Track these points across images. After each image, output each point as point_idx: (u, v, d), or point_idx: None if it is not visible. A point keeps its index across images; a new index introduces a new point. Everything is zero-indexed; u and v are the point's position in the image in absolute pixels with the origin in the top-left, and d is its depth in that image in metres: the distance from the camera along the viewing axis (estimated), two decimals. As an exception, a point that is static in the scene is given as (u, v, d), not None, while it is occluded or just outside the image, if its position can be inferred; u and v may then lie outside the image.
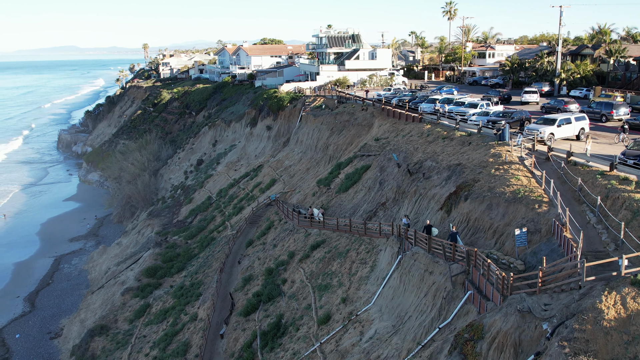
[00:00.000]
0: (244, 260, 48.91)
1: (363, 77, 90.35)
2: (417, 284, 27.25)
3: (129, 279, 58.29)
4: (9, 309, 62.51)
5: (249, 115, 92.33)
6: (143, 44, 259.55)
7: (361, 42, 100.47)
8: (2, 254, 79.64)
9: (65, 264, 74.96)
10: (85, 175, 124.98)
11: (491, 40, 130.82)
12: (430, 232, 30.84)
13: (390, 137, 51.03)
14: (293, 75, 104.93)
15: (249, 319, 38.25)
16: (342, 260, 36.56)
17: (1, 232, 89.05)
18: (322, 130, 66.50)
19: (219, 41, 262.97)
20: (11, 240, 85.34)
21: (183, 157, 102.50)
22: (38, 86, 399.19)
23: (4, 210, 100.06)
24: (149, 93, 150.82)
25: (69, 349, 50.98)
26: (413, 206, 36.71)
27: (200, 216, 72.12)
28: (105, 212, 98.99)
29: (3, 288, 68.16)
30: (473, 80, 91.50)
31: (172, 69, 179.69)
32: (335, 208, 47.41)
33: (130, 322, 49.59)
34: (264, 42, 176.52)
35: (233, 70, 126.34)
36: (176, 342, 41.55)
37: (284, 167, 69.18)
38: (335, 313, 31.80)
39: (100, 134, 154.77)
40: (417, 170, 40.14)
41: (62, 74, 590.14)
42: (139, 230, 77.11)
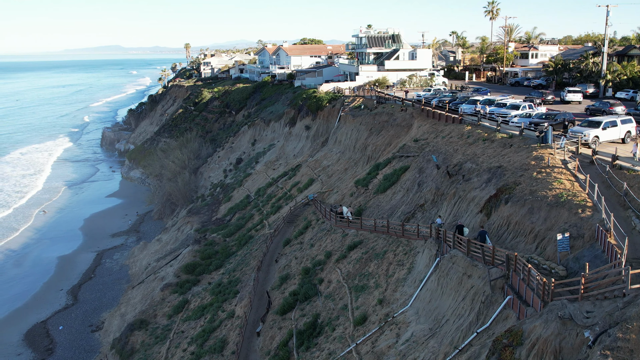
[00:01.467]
0: (281, 259, 49.20)
1: (403, 77, 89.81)
2: (455, 287, 26.96)
3: (168, 275, 59.26)
4: (53, 301, 64.32)
5: (288, 114, 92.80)
6: (185, 44, 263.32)
7: (401, 42, 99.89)
8: (47, 247, 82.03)
9: (107, 259, 76.70)
10: (128, 172, 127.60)
11: (534, 41, 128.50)
12: (462, 231, 30.75)
13: (429, 138, 50.60)
14: (332, 75, 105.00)
15: (285, 318, 38.45)
16: (379, 262, 36.43)
17: (46, 227, 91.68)
18: (361, 130, 66.37)
19: (259, 41, 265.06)
20: (56, 234, 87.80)
21: (222, 155, 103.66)
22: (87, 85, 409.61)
23: (52, 207, 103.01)
24: (190, 92, 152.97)
25: (109, 342, 52.15)
26: (452, 208, 36.33)
27: (239, 214, 72.81)
28: (146, 209, 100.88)
29: (47, 281, 70.17)
30: (515, 81, 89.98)
31: (213, 69, 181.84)
32: (372, 209, 47.27)
33: (169, 318, 50.42)
34: (303, 42, 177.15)
35: (273, 70, 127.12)
36: (213, 338, 42.04)
37: (322, 167, 69.31)
38: (372, 314, 31.71)
39: (142, 132, 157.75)
40: (457, 172, 39.71)
41: (107, 72, 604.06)
42: (178, 227, 78.32)
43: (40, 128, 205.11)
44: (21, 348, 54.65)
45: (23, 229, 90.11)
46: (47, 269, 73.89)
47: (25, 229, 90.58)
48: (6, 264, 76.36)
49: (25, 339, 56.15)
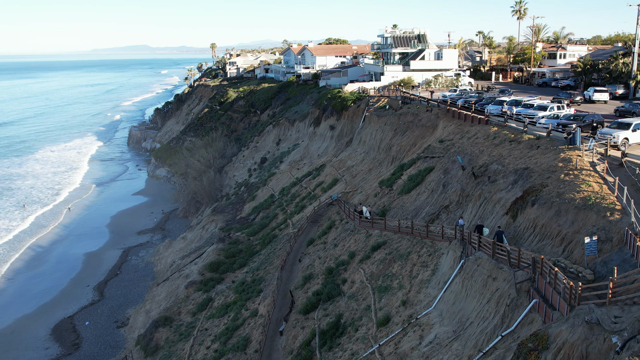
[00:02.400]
0: (305, 259, 49.29)
1: (428, 77, 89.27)
2: (479, 290, 26.73)
3: (192, 273, 59.76)
4: (79, 297, 65.39)
5: (312, 114, 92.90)
6: (211, 44, 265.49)
7: (427, 42, 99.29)
8: (74, 244, 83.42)
9: (133, 256, 77.67)
10: (154, 170, 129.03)
11: (562, 41, 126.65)
12: (482, 231, 30.62)
13: (455, 139, 50.22)
14: (357, 75, 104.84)
15: (308, 317, 38.51)
16: (403, 263, 36.29)
17: (74, 224, 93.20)
18: (386, 130, 66.14)
19: (284, 41, 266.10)
20: (83, 231, 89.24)
21: (247, 155, 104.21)
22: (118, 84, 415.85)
23: (79, 204, 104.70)
24: (216, 92, 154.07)
25: (134, 338, 52.82)
26: (477, 210, 36.01)
27: (263, 213, 73.12)
28: (171, 207, 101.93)
29: (74, 277, 71.36)
30: (542, 81, 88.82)
31: (239, 68, 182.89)
32: (397, 210, 47.08)
33: (192, 315, 50.85)
34: (328, 42, 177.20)
35: (298, 70, 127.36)
36: (236, 336, 42.29)
37: (346, 167, 69.25)
38: (395, 315, 31.59)
39: (168, 131, 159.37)
40: (482, 173, 39.35)
41: (136, 72, 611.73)
42: (203, 225, 78.94)
43: (70, 127, 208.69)
44: (49, 342, 55.65)
45: (52, 226, 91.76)
46: (74, 265, 75.14)
47: (54, 226, 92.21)
48: (35, 260, 77.87)
49: (53, 334, 57.17)
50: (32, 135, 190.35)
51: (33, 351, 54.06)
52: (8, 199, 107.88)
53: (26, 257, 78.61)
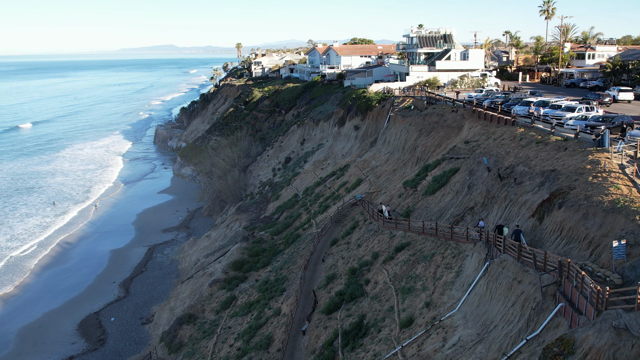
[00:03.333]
0: (328, 259, 49.31)
1: (454, 78, 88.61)
2: (504, 293, 26.47)
3: (216, 271, 60.20)
4: (105, 293, 66.34)
5: (337, 114, 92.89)
6: (237, 44, 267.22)
7: (453, 42, 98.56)
8: (100, 241, 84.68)
9: (158, 254, 78.55)
10: (179, 169, 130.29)
11: (591, 41, 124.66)
12: (502, 232, 30.60)
13: (480, 140, 49.78)
14: (382, 75, 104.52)
15: (330, 317, 38.53)
16: (426, 264, 36.10)
17: (100, 221, 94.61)
18: (410, 131, 65.84)
19: (309, 41, 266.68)
20: (109, 228, 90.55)
21: (272, 154, 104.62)
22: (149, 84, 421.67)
23: (106, 202, 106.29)
24: (241, 91, 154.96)
25: (158, 335, 53.39)
26: (503, 212, 35.65)
27: (287, 213, 73.34)
28: (196, 206, 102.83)
29: (100, 273, 72.43)
30: (570, 82, 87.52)
31: (264, 68, 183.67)
32: (421, 210, 46.85)
33: (216, 313, 51.21)
34: (354, 42, 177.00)
35: (323, 70, 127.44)
36: (259, 335, 42.48)
37: (370, 167, 69.11)
38: (418, 317, 31.44)
39: (194, 130, 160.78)
40: (508, 174, 38.94)
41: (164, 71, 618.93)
42: (227, 224, 79.47)
43: (99, 126, 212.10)
44: (75, 337, 56.57)
45: (80, 224, 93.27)
46: (100, 262, 76.28)
47: (82, 223, 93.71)
48: (62, 256, 79.24)
49: (79, 329, 58.10)
50: (61, 133, 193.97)
51: (60, 345, 55.01)
52: (39, 196, 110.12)
53: (54, 254, 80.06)
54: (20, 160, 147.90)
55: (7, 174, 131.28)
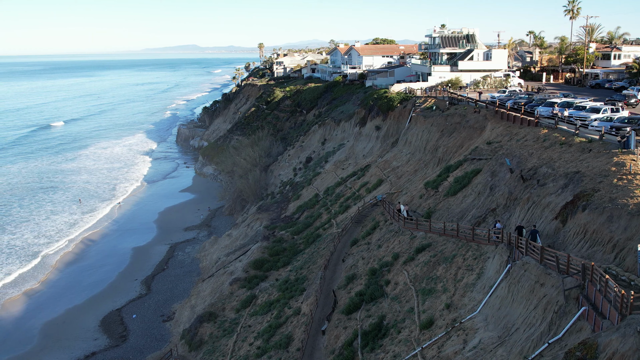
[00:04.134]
0: (348, 259, 49.27)
1: (476, 78, 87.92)
2: (526, 296, 26.20)
3: (237, 270, 60.50)
4: (127, 290, 67.08)
5: (358, 114, 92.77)
6: (259, 44, 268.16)
7: (476, 42, 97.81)
8: (123, 239, 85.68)
9: (179, 252, 79.19)
10: (201, 168, 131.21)
11: (617, 41, 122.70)
12: (522, 233, 30.63)
13: (503, 141, 49.34)
14: (404, 75, 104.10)
15: (350, 318, 38.50)
16: (447, 266, 35.88)
17: (123, 219, 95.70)
18: (432, 131, 65.49)
19: (331, 41, 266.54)
20: (132, 226, 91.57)
21: (293, 154, 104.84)
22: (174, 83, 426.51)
23: (129, 200, 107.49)
24: (263, 91, 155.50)
25: (179, 332, 53.83)
26: (525, 214, 35.29)
27: (307, 213, 73.43)
28: (217, 204, 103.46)
29: (122, 271, 73.27)
30: (595, 83, 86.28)
31: (286, 68, 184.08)
32: (442, 212, 46.58)
33: (236, 312, 51.46)
34: (376, 42, 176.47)
35: (344, 70, 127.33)
36: (279, 334, 42.61)
37: (391, 167, 68.89)
38: (439, 319, 31.27)
39: (215, 130, 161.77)
40: (531, 176, 38.53)
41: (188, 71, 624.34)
42: (248, 223, 79.81)
43: (123, 125, 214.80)
44: (97, 333, 57.30)
45: (103, 221, 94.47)
46: (122, 259, 77.16)
47: (105, 220, 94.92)
48: (86, 253, 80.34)
49: (101, 325, 58.84)
50: (86, 132, 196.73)
51: (83, 341, 55.76)
52: (64, 193, 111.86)
53: (78, 250, 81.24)
54: (45, 158, 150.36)
55: (32, 171, 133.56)
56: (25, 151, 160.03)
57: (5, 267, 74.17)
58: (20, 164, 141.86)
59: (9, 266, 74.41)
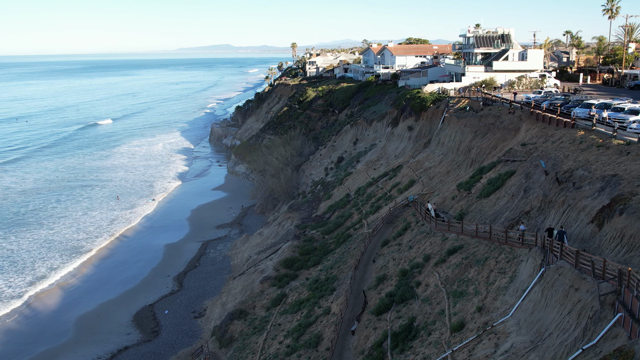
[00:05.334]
0: (379, 260, 49.12)
1: (511, 78, 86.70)
2: (560, 300, 25.76)
3: (268, 268, 60.85)
4: (160, 286, 68.06)
5: (390, 115, 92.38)
6: (292, 43, 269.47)
7: (511, 42, 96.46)
8: (156, 235, 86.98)
9: (211, 249, 79.99)
10: (233, 167, 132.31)
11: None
12: (552, 234, 30.28)
13: (538, 143, 48.57)
14: (437, 75, 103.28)
15: (380, 318, 38.38)
16: (479, 268, 35.48)
17: (156, 216, 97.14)
18: (465, 132, 64.83)
19: (364, 41, 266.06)
20: (165, 223, 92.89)
21: (324, 154, 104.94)
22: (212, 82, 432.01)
23: (162, 197, 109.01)
24: (295, 91, 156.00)
25: (210, 329, 54.40)
26: (560, 217, 34.67)
27: (338, 212, 73.42)
28: (249, 203, 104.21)
29: (155, 267, 74.39)
30: (634, 84, 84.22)
31: (318, 68, 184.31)
32: (474, 213, 46.08)
33: (266, 310, 51.76)
34: (409, 41, 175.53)
35: (377, 70, 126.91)
36: (309, 333, 42.71)
37: (423, 168, 68.43)
38: (470, 322, 30.95)
39: (248, 129, 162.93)
40: (567, 179, 37.85)
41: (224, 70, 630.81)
42: (279, 222, 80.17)
43: (157, 123, 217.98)
44: (130, 328, 58.26)
45: (138, 218, 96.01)
46: (155, 255, 78.32)
47: (139, 217, 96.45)
48: (120, 249, 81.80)
49: (134, 320, 59.81)
50: (122, 130, 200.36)
51: (116, 335, 56.78)
52: (100, 190, 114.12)
53: (112, 246, 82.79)
54: (82, 155, 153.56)
55: (68, 168, 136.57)
56: (65, 149, 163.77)
57: (45, 261, 75.96)
58: (57, 161, 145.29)
59: (49, 260, 76.21)
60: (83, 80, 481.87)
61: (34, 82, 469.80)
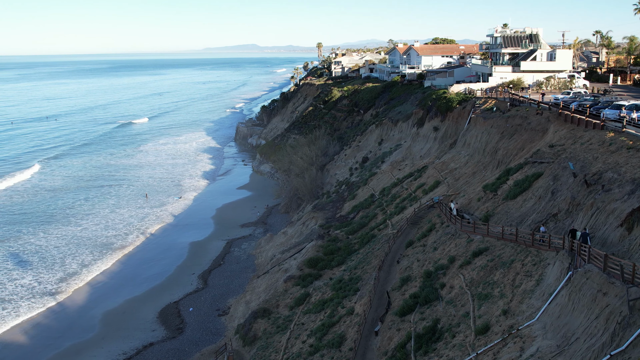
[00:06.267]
0: (403, 261, 48.90)
1: (539, 79, 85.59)
2: (587, 305, 25.35)
3: (291, 268, 61.01)
4: (185, 284, 68.72)
5: (416, 115, 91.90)
6: (317, 43, 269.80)
7: (539, 42, 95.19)
8: (181, 233, 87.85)
9: (236, 248, 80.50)
10: (258, 166, 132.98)
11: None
12: (575, 236, 30.00)
13: (566, 145, 47.86)
14: (464, 75, 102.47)
15: (404, 320, 38.21)
16: (505, 271, 35.10)
17: (182, 214, 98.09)
18: (492, 133, 64.19)
19: (390, 40, 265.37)
20: (190, 221, 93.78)
21: (349, 154, 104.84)
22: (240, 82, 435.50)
23: (188, 196, 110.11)
24: (321, 90, 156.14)
25: (233, 327, 54.75)
26: (588, 220, 34.11)
27: (362, 213, 73.29)
28: (273, 202, 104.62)
29: (180, 264, 75.15)
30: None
31: (344, 68, 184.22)
32: (500, 215, 45.59)
33: (290, 309, 51.90)
34: (435, 41, 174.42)
35: (403, 70, 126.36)
36: (332, 333, 42.71)
37: (449, 169, 67.93)
38: (495, 325, 30.64)
39: (273, 128, 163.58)
40: (596, 181, 37.24)
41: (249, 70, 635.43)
42: (303, 221, 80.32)
43: (183, 122, 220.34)
44: (155, 325, 58.94)
45: (164, 216, 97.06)
46: (180, 253, 79.12)
47: (166, 215, 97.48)
48: (146, 246, 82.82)
49: (159, 317, 60.49)
50: (148, 128, 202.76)
51: (141, 332, 57.48)
52: (128, 187, 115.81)
53: (139, 243, 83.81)
54: (110, 154, 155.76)
55: (97, 166, 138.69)
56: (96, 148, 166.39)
57: (75, 257, 77.23)
58: (87, 159, 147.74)
59: (80, 257, 77.51)
60: (112, 80, 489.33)
61: (64, 81, 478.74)
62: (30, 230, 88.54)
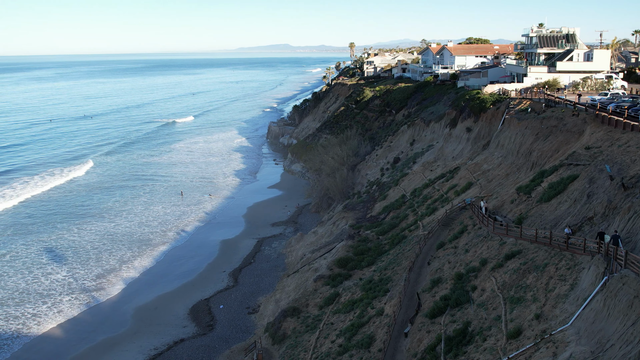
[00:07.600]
0: (434, 262, 48.54)
1: (576, 79, 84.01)
2: (624, 310, 24.78)
3: (321, 267, 61.09)
4: (215, 281, 69.42)
5: (448, 115, 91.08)
6: (349, 43, 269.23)
7: (576, 42, 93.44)
8: (213, 231, 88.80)
9: (266, 246, 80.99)
10: (289, 165, 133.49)
11: None
12: (603, 238, 29.63)
13: (603, 147, 46.86)
14: (498, 76, 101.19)
15: (434, 322, 37.91)
16: (538, 274, 34.54)
17: (213, 212, 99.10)
18: (526, 134, 63.22)
19: (422, 40, 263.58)
20: (222, 220, 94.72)
21: (380, 154, 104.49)
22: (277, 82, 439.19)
23: (220, 194, 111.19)
24: (352, 90, 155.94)
25: (263, 325, 55.09)
26: (625, 224, 33.33)
27: (393, 213, 72.97)
28: (304, 202, 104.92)
29: (211, 262, 75.95)
30: None
31: (376, 68, 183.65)
32: (534, 218, 44.87)
33: (319, 308, 51.97)
34: (469, 41, 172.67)
35: (436, 70, 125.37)
36: (361, 333, 42.63)
37: (481, 170, 67.15)
38: (527, 329, 30.18)
39: (305, 128, 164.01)
40: (634, 184, 36.36)
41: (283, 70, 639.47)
42: (334, 221, 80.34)
43: (217, 121, 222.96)
44: (186, 321, 59.69)
45: (197, 214, 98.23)
46: (211, 251, 79.97)
47: (198, 213, 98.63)
48: (179, 243, 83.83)
49: (190, 313, 61.25)
50: (180, 127, 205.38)
51: (172, 327, 58.27)
52: (162, 185, 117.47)
53: (172, 240, 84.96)
54: (145, 152, 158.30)
55: (133, 164, 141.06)
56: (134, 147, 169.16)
57: (111, 254, 78.69)
58: (123, 157, 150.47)
59: (116, 253, 78.98)
60: (147, 79, 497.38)
61: (102, 80, 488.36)
62: (64, 226, 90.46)
